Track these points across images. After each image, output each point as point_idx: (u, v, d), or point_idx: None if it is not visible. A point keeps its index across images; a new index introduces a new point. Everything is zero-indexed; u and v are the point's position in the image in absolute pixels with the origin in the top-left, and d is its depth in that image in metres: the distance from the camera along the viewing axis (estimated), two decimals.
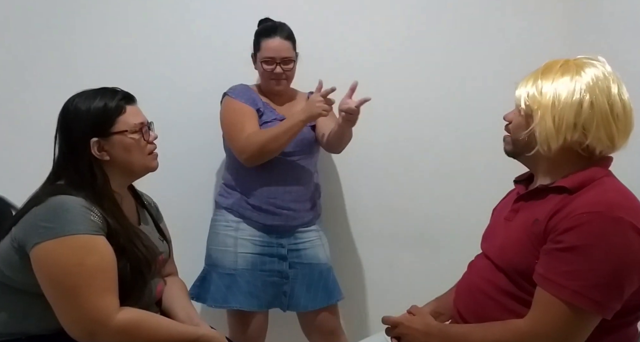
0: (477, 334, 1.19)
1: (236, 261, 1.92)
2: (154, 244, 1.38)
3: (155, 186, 1.56)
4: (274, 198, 1.93)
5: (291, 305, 1.98)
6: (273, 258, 1.94)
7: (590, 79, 1.15)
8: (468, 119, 2.26)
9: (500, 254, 1.23)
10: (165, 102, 2.11)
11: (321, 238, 2.05)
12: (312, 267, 1.99)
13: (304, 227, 2.00)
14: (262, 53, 1.93)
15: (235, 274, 1.92)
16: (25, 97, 2.07)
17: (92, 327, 1.18)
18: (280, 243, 1.96)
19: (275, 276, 1.95)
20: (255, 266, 1.92)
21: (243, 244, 1.93)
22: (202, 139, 2.15)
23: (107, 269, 1.21)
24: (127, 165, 1.35)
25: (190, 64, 2.16)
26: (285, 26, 1.96)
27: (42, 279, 1.19)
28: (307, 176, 2.00)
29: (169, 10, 2.14)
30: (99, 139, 1.30)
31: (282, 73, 1.94)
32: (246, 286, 1.90)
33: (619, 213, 1.08)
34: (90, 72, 2.06)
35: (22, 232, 1.22)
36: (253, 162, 1.88)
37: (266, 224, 1.94)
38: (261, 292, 1.92)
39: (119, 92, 1.35)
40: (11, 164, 2.04)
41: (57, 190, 1.26)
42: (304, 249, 1.99)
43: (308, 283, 1.98)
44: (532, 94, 1.19)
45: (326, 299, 2.00)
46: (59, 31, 2.08)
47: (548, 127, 1.16)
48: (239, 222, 1.95)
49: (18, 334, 1.24)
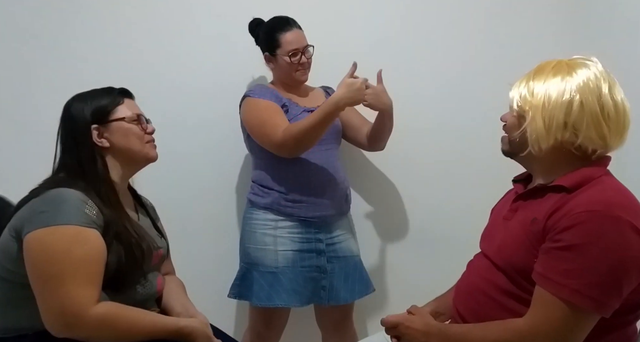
0: (477, 334, 1.19)
1: (277, 259, 1.94)
2: (149, 236, 1.40)
3: (163, 185, 1.57)
4: (314, 189, 1.94)
5: (331, 298, 1.99)
6: (312, 253, 1.96)
7: (581, 80, 1.16)
8: (467, 118, 2.26)
9: (499, 253, 1.24)
10: (167, 103, 2.12)
11: (352, 230, 2.09)
12: (347, 259, 2.03)
13: (339, 217, 2.03)
14: (285, 47, 1.93)
15: (277, 272, 1.93)
16: (27, 97, 2.08)
17: (67, 319, 1.18)
18: (318, 238, 1.97)
19: (315, 271, 1.97)
20: (296, 262, 1.94)
21: (282, 242, 1.95)
22: (205, 139, 2.17)
23: (93, 262, 1.21)
24: (127, 153, 1.38)
25: (193, 64, 2.16)
26: (291, 18, 1.98)
27: (28, 266, 1.20)
28: (339, 166, 2.01)
29: (170, 10, 2.15)
30: (99, 125, 1.35)
31: (306, 62, 1.97)
32: (289, 284, 1.92)
33: (618, 212, 1.08)
34: (93, 73, 2.06)
35: (19, 222, 1.24)
36: (296, 154, 1.89)
37: (307, 216, 1.95)
38: (303, 288, 1.94)
39: (116, 88, 1.43)
40: (12, 164, 2.05)
41: (57, 182, 1.29)
42: (339, 242, 2.02)
43: (345, 276, 2.01)
44: (524, 94, 1.20)
45: (364, 290, 2.06)
46: (60, 32, 2.08)
47: (539, 127, 1.17)
48: (278, 220, 1.96)
49: (25, 330, 1.25)
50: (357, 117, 2.09)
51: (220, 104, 2.15)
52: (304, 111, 1.96)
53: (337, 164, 2.01)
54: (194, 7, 2.16)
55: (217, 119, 2.16)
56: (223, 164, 2.21)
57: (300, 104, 2.00)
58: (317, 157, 1.94)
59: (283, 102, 1.96)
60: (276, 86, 2.04)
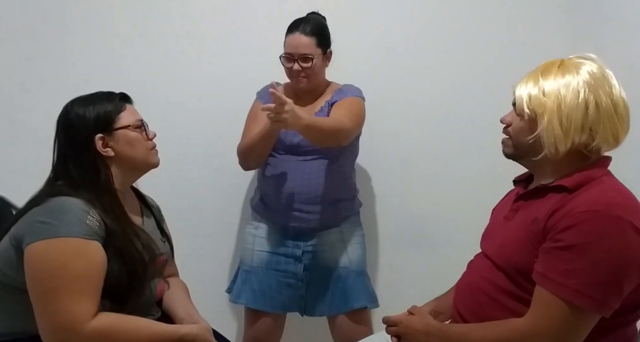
0: (477, 334, 1.20)
1: (252, 259, 1.94)
2: (154, 244, 1.38)
3: (164, 186, 1.56)
4: (285, 199, 1.86)
5: (308, 310, 1.93)
6: (289, 258, 1.91)
7: (591, 79, 1.15)
8: (468, 119, 2.26)
9: (500, 253, 1.24)
10: (167, 103, 2.12)
11: (344, 241, 1.94)
12: (329, 270, 1.91)
13: (323, 230, 1.91)
14: (284, 49, 1.85)
15: (250, 271, 1.93)
16: (26, 98, 2.08)
17: (62, 335, 1.16)
18: (296, 244, 1.91)
19: (291, 278, 1.91)
20: (270, 264, 1.91)
21: (260, 242, 1.94)
22: (206, 139, 2.19)
23: (92, 275, 1.19)
24: (131, 161, 1.36)
25: (194, 64, 2.17)
26: (313, 21, 1.85)
27: (28, 278, 1.19)
28: (319, 178, 1.87)
29: (168, 11, 2.15)
30: (104, 135, 1.32)
31: (300, 71, 1.83)
32: (258, 284, 1.90)
33: (618, 212, 1.08)
34: (92, 75, 2.07)
35: (20, 231, 1.22)
36: (244, 167, 1.90)
37: (280, 224, 1.91)
38: (276, 293, 1.90)
39: (116, 93, 1.38)
40: (12, 165, 2.05)
41: (58, 191, 1.27)
42: (322, 251, 1.91)
43: (324, 287, 1.91)
44: (535, 96, 1.17)
45: (342, 305, 1.90)
46: (59, 33, 2.09)
47: (556, 131, 1.15)
48: (260, 221, 1.97)
49: (20, 334, 1.25)
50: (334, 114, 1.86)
51: (222, 104, 2.16)
52: None
53: (319, 176, 1.86)
54: (193, 8, 2.16)
55: (218, 119, 2.17)
56: (224, 164, 2.21)
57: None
58: (290, 167, 1.86)
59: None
60: (289, 85, 1.94)
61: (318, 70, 1.87)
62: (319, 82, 1.92)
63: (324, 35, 1.86)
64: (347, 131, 1.79)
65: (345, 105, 1.86)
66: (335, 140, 1.77)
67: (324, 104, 1.92)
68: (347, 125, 1.78)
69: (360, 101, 1.91)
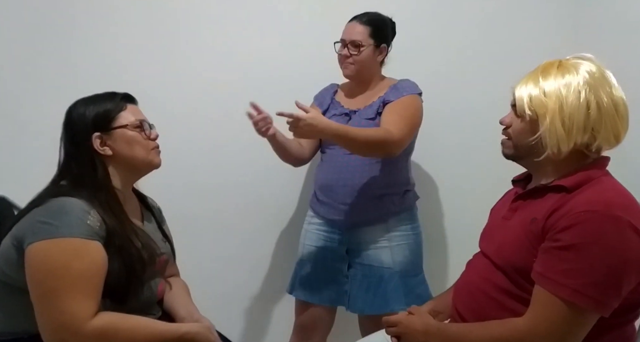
0: (476, 333, 1.20)
1: (302, 252, 2.00)
2: (154, 243, 1.38)
3: (166, 187, 1.57)
4: (331, 191, 1.91)
5: (350, 306, 1.94)
6: (334, 254, 1.95)
7: (591, 79, 1.16)
8: (467, 119, 2.27)
9: (499, 252, 1.24)
10: (170, 103, 2.13)
11: (390, 240, 1.91)
12: (373, 269, 1.90)
13: (367, 225, 1.90)
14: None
15: (300, 264, 2.01)
16: (29, 98, 2.09)
17: (63, 335, 1.17)
18: (342, 240, 1.93)
19: (338, 273, 1.95)
20: (317, 258, 1.96)
21: (309, 236, 2.00)
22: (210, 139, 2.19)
23: (92, 276, 1.20)
24: (130, 160, 1.36)
25: (199, 65, 2.17)
26: (373, 14, 1.89)
27: (28, 278, 1.20)
28: (364, 171, 1.87)
29: (173, 10, 2.16)
30: (101, 133, 1.32)
31: (348, 56, 1.85)
32: (305, 277, 1.97)
33: (617, 212, 1.08)
34: (96, 75, 2.07)
35: (21, 231, 1.23)
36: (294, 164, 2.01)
37: (327, 218, 1.95)
38: (322, 286, 1.95)
39: (119, 93, 1.39)
40: (14, 165, 2.06)
41: (59, 191, 1.28)
42: (366, 249, 1.91)
43: (367, 286, 1.90)
44: (536, 97, 1.18)
45: (383, 306, 1.85)
46: (62, 33, 2.09)
47: (558, 132, 1.15)
48: (313, 216, 2.02)
49: (21, 333, 1.25)
50: (385, 120, 1.84)
51: (224, 104, 2.16)
52: (334, 115, 1.91)
53: (364, 170, 1.86)
54: (196, 9, 2.16)
55: (222, 119, 2.17)
56: (224, 164, 2.21)
57: (346, 104, 1.95)
58: (337, 161, 1.91)
59: (324, 107, 1.96)
60: (345, 83, 2.00)
61: (366, 60, 1.87)
62: (368, 75, 1.92)
63: (380, 28, 1.88)
64: (394, 142, 1.74)
65: (397, 110, 1.82)
66: (381, 151, 1.77)
67: (376, 100, 1.89)
68: (395, 137, 1.73)
69: (414, 100, 1.88)
